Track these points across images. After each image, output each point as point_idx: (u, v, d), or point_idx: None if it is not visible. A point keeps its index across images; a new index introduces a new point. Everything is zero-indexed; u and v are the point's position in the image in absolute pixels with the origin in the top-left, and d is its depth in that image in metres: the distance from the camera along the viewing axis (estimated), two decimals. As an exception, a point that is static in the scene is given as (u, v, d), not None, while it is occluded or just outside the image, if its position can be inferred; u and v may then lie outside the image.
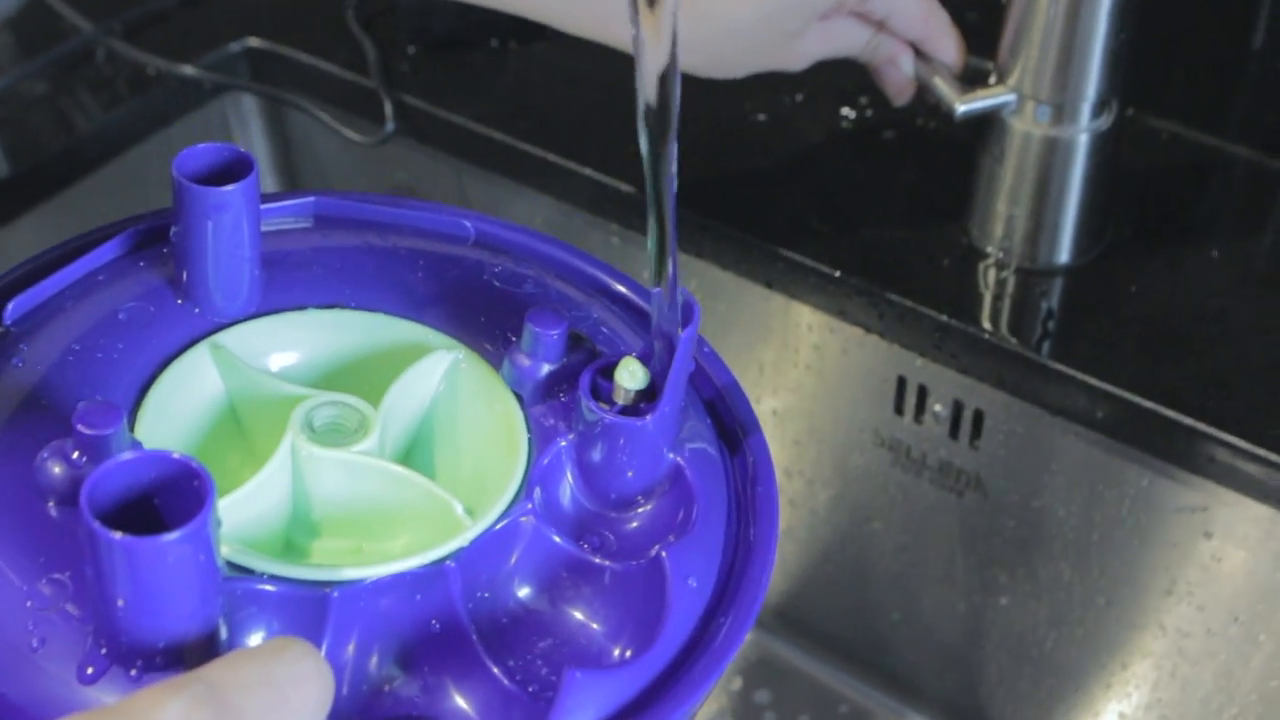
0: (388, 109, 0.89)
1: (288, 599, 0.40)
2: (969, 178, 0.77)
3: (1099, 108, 0.72)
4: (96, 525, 0.34)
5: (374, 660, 0.41)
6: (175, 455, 0.36)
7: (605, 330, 0.49)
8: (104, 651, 0.37)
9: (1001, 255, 0.77)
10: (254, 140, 1.01)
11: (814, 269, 0.77)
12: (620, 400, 0.44)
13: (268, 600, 0.40)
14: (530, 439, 0.45)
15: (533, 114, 0.88)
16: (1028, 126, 0.73)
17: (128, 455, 0.35)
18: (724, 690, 0.92)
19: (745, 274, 0.80)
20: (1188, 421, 0.70)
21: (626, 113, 0.42)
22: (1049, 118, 0.72)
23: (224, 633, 0.38)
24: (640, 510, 0.45)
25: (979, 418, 0.77)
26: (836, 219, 0.79)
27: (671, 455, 0.45)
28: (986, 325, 0.74)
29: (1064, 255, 0.76)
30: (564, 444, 0.45)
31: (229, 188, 0.46)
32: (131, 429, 0.44)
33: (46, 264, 0.49)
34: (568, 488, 0.45)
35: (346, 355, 0.49)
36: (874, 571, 0.89)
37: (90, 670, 0.37)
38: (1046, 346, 0.73)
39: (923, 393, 0.79)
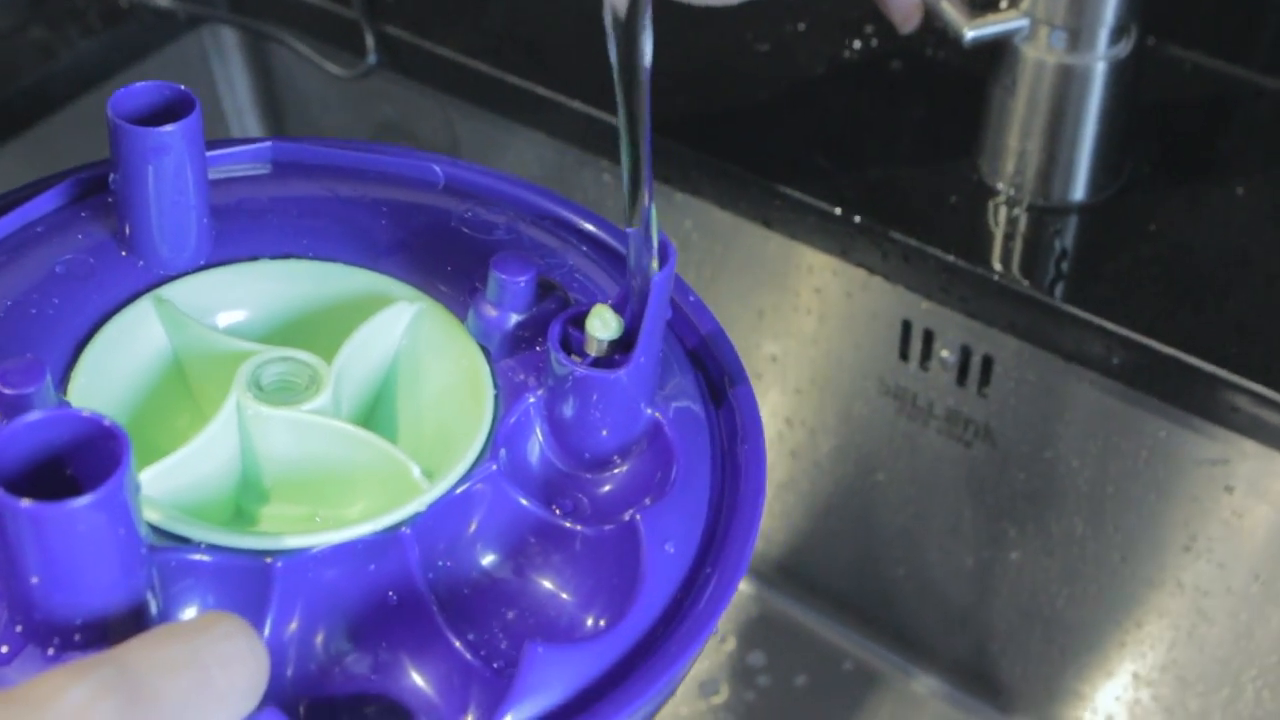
0: (369, 40, 0.85)
1: (226, 570, 0.38)
2: (979, 111, 0.73)
3: (1117, 34, 0.68)
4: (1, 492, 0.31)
5: (323, 636, 0.38)
6: (86, 414, 0.33)
7: (581, 278, 0.46)
8: (19, 629, 0.34)
9: (1013, 192, 0.73)
10: (234, 74, 0.97)
11: (814, 207, 0.73)
12: (593, 352, 0.41)
13: (204, 572, 0.37)
14: (497, 395, 0.42)
15: (522, 46, 0.84)
16: (1041, 54, 0.68)
17: (35, 415, 0.32)
18: (716, 649, 0.89)
19: (743, 213, 0.76)
20: (1209, 368, 0.66)
21: None
22: (1064, 44, 0.68)
23: (155, 608, 0.35)
24: (616, 471, 0.42)
25: (988, 364, 0.74)
26: (839, 154, 0.75)
27: (649, 411, 0.42)
28: (996, 266, 0.70)
29: (1079, 192, 0.72)
30: (533, 400, 0.42)
31: (168, 128, 0.43)
32: (65, 389, 0.41)
33: None
34: (537, 447, 0.42)
35: (302, 308, 0.46)
36: (879, 524, 0.85)
37: (4, 649, 0.34)
38: (1060, 288, 0.69)
39: (929, 337, 0.75)
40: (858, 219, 0.72)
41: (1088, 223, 0.72)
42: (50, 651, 0.34)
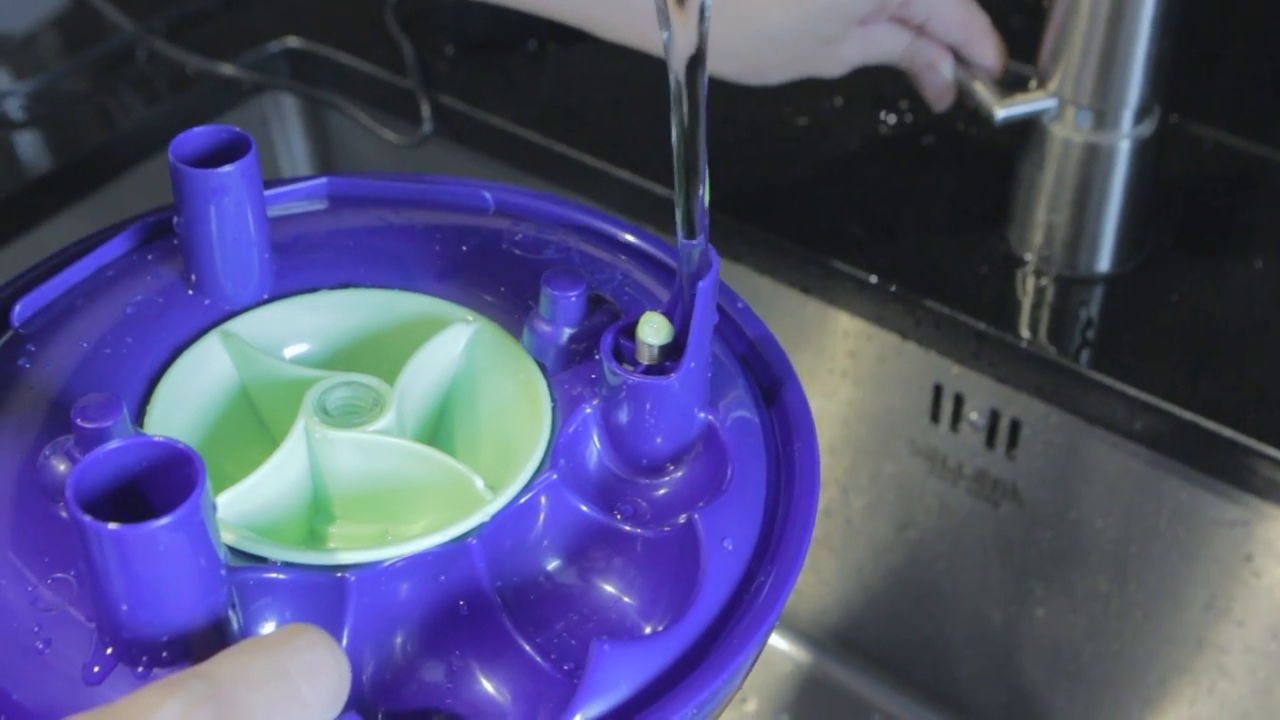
0: (425, 110, 0.90)
1: (302, 586, 0.39)
2: (1009, 184, 0.77)
3: (1141, 114, 0.72)
4: (84, 516, 0.33)
5: (398, 647, 0.40)
6: (160, 439, 0.35)
7: (630, 291, 0.48)
8: (109, 650, 0.36)
9: (1040, 263, 0.77)
10: (293, 140, 1.02)
11: (851, 275, 0.77)
12: (645, 360, 0.42)
13: (281, 589, 0.39)
14: (554, 407, 0.44)
15: (570, 116, 0.88)
16: (1068, 133, 0.73)
17: (114, 444, 0.34)
18: (738, 709, 0.92)
19: (782, 279, 0.80)
20: (1228, 434, 0.69)
21: (663, 115, 0.43)
22: (1090, 124, 0.72)
23: (236, 625, 0.37)
24: (673, 475, 0.43)
25: (1016, 427, 0.77)
26: (875, 225, 0.79)
27: (703, 415, 0.43)
28: (1024, 333, 0.73)
29: (1104, 264, 0.76)
30: (589, 410, 0.43)
31: (227, 168, 0.45)
32: (141, 422, 0.43)
33: (55, 266, 0.49)
34: (595, 455, 0.44)
35: (363, 335, 0.48)
36: (909, 582, 0.88)
37: (96, 669, 0.36)
38: (1085, 355, 0.72)
39: (959, 401, 0.78)
40: (892, 287, 0.76)
41: (1112, 293, 0.76)
42: (139, 669, 0.36)
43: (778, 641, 0.95)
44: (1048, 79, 0.72)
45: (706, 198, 0.40)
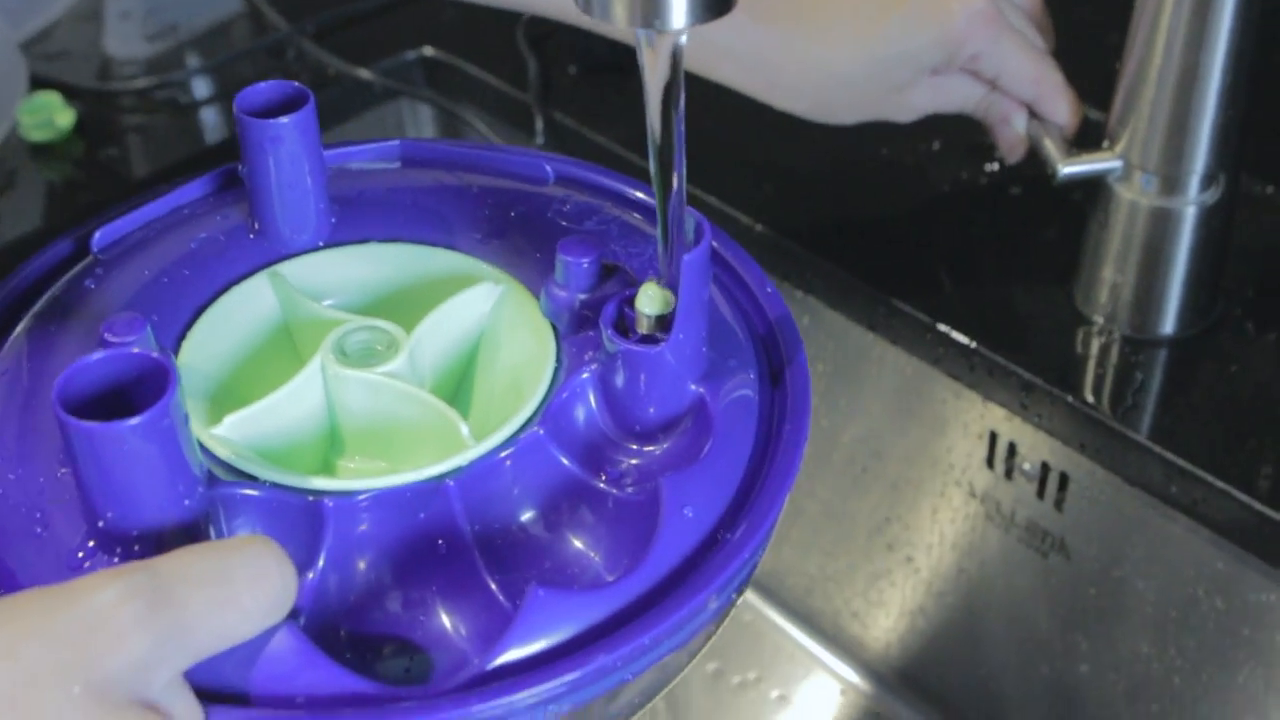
0: (538, 123, 0.94)
1: (282, 506, 0.42)
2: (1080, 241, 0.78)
3: (1207, 181, 0.72)
4: (63, 414, 0.37)
5: (371, 574, 0.42)
6: (138, 352, 0.39)
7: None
8: (91, 542, 0.40)
9: (1103, 321, 0.77)
10: (425, 143, 1.07)
11: (915, 317, 0.79)
12: (643, 329, 0.45)
13: (262, 506, 0.42)
14: (558, 368, 0.47)
15: (675, 141, 0.92)
16: (1134, 195, 0.74)
17: (99, 354, 0.38)
18: None
19: (850, 315, 0.83)
20: (1265, 510, 0.69)
21: (767, 147, 0.44)
22: (1155, 188, 0.73)
23: (213, 534, 0.40)
24: (662, 444, 0.46)
25: (1064, 480, 0.78)
26: (947, 270, 0.81)
27: (695, 387, 0.46)
28: (1074, 389, 0.75)
29: (1168, 327, 0.77)
30: (586, 375, 0.46)
31: (284, 119, 0.49)
32: (180, 345, 0.48)
33: (137, 202, 0.54)
34: (590, 416, 0.46)
35: (400, 286, 0.52)
36: (965, 624, 0.90)
37: (80, 555, 0.40)
38: (1131, 417, 0.73)
39: (1012, 450, 0.80)
40: (953, 333, 0.78)
41: (1172, 357, 0.76)
42: (114, 560, 0.40)
43: (849, 674, 0.97)
44: (1116, 140, 0.73)
45: (684, 193, 0.44)
